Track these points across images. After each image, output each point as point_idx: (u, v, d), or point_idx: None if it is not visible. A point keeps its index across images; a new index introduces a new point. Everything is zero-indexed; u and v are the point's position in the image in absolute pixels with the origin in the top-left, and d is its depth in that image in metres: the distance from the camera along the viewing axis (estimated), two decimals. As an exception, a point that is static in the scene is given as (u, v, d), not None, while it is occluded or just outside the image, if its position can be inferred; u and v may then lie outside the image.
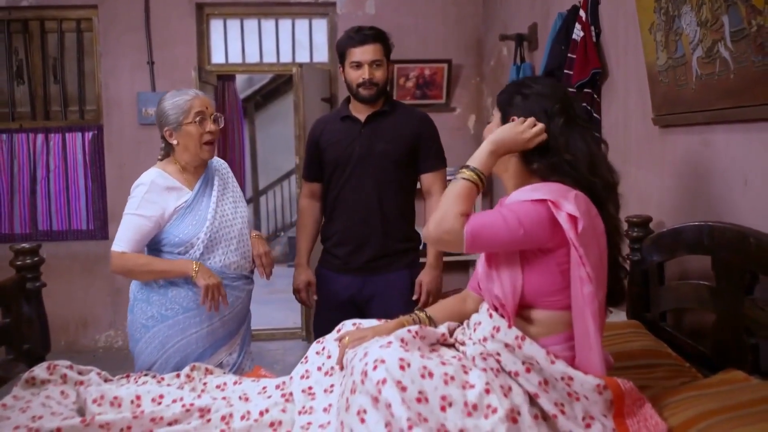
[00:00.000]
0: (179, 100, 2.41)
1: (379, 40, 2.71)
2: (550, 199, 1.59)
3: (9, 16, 5.06)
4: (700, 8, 2.06)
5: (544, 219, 1.59)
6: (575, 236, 1.56)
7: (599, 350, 1.60)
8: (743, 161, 2.00)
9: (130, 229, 2.37)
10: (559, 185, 1.65)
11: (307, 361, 1.98)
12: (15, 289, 2.48)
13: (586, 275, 1.57)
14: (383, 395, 1.47)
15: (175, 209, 2.40)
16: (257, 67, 5.70)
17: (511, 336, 1.63)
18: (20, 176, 5.08)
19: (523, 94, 1.77)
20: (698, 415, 1.56)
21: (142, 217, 2.36)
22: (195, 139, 2.41)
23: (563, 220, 1.57)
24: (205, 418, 1.87)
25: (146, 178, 2.42)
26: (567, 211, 1.57)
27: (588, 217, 1.59)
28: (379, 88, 2.71)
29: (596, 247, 1.62)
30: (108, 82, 5.08)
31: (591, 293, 1.57)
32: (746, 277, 1.83)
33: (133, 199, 2.40)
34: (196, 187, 2.46)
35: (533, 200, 1.61)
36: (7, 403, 1.99)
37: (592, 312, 1.58)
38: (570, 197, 1.59)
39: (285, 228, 9.89)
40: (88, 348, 5.15)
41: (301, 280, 2.91)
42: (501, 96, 1.83)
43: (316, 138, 2.89)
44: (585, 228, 1.56)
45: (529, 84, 1.80)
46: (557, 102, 1.73)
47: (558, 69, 3.20)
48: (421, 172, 2.81)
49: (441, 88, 5.21)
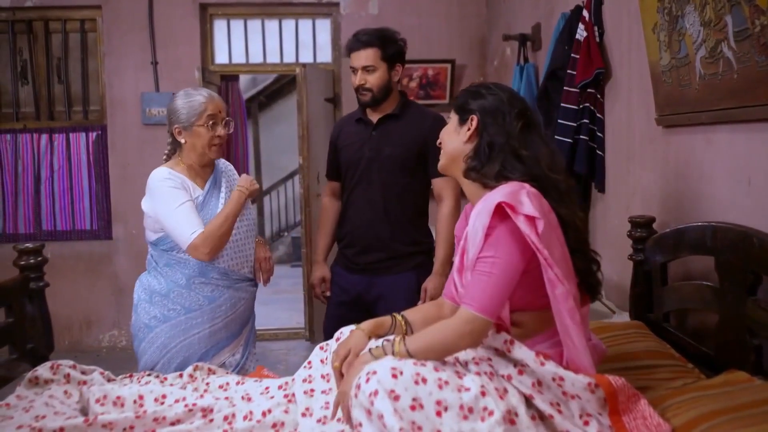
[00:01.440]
0: (193, 101, 2.40)
1: (373, 44, 2.67)
2: (504, 202, 1.57)
3: (13, 16, 5.08)
4: (703, 8, 2.05)
5: (510, 243, 1.59)
6: (537, 239, 1.55)
7: (583, 346, 1.60)
8: (747, 161, 1.99)
9: (189, 215, 2.33)
10: (510, 185, 1.64)
11: (311, 367, 1.98)
12: (19, 289, 2.48)
13: (555, 277, 1.57)
14: (375, 407, 1.47)
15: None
16: (261, 67, 5.72)
17: (499, 341, 1.64)
18: (24, 176, 5.10)
19: (482, 96, 1.79)
20: (701, 415, 1.55)
21: (186, 202, 2.34)
22: (204, 140, 2.41)
23: (523, 226, 1.56)
24: (208, 418, 1.87)
25: (160, 174, 2.39)
26: (524, 213, 1.56)
27: (543, 214, 1.58)
28: (373, 94, 2.69)
29: (557, 241, 1.62)
30: (112, 82, 5.10)
31: (564, 293, 1.58)
32: (749, 278, 1.83)
33: (164, 195, 2.34)
34: (207, 187, 2.46)
35: (490, 223, 1.59)
36: (10, 403, 2.00)
37: (569, 310, 1.58)
38: (523, 195, 1.59)
39: (289, 228, 9.91)
40: (91, 348, 5.16)
41: (316, 276, 2.96)
42: (458, 99, 1.85)
43: (334, 138, 2.93)
44: (544, 227, 1.56)
45: (489, 86, 1.82)
46: (515, 107, 1.75)
47: (561, 69, 3.19)
48: (431, 176, 2.77)
49: (444, 88, 5.21)
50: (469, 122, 1.77)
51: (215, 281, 2.42)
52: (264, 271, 2.61)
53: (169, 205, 2.34)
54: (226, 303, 2.45)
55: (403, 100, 2.79)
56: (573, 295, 1.61)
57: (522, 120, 1.74)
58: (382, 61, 2.68)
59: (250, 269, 2.55)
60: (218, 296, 2.43)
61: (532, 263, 1.60)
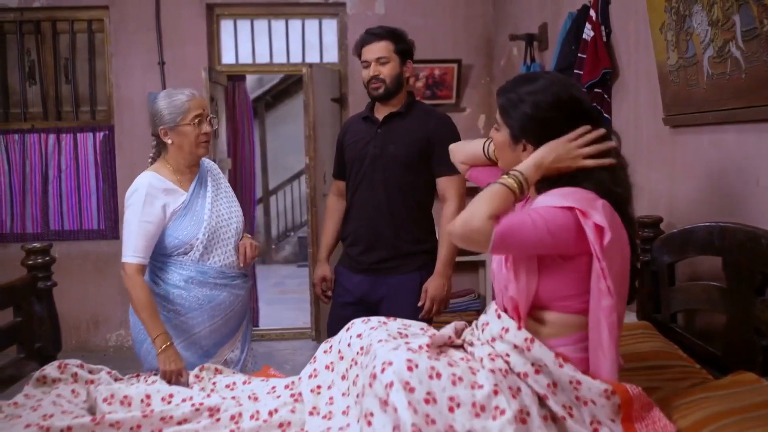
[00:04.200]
0: (176, 100, 2.40)
1: (386, 37, 2.71)
2: (578, 208, 1.55)
3: (21, 17, 5.09)
4: (711, 8, 2.04)
5: (571, 227, 1.55)
6: (600, 248, 1.53)
7: (613, 359, 1.58)
8: (755, 161, 1.99)
9: (139, 237, 2.32)
10: (586, 192, 1.61)
11: (316, 361, 1.99)
12: (26, 289, 2.50)
13: (606, 288, 1.54)
14: (391, 399, 1.47)
15: (174, 211, 2.39)
16: (267, 67, 5.72)
17: (520, 338, 1.62)
18: (32, 176, 5.12)
19: (528, 106, 1.67)
20: (709, 416, 1.55)
21: (147, 223, 2.33)
22: (191, 139, 2.41)
23: (590, 231, 1.53)
24: (215, 418, 1.87)
25: (141, 182, 2.38)
26: (595, 221, 1.53)
27: (613, 228, 1.55)
28: (386, 85, 2.70)
29: (619, 258, 1.60)
30: (119, 83, 5.11)
31: (610, 306, 1.55)
32: (757, 278, 1.82)
33: (133, 207, 2.35)
34: (191, 188, 2.45)
35: (561, 207, 1.57)
36: (18, 402, 2.01)
37: (609, 324, 1.56)
38: (597, 206, 1.56)
39: (295, 228, 9.92)
40: (98, 347, 5.18)
41: (317, 275, 2.99)
42: (501, 99, 1.74)
43: (341, 137, 2.95)
44: (611, 240, 1.53)
45: (537, 79, 1.70)
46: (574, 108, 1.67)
47: (568, 69, 3.19)
48: (435, 175, 2.77)
49: (451, 88, 5.21)
50: (522, 145, 1.70)
51: (213, 280, 2.43)
52: (248, 257, 2.53)
53: (132, 216, 2.34)
54: (225, 301, 2.45)
55: (409, 99, 2.79)
56: (618, 313, 1.59)
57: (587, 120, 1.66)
58: (394, 54, 2.71)
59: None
60: (217, 295, 2.44)
61: (580, 263, 1.58)
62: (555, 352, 1.59)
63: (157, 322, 2.29)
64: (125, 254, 2.33)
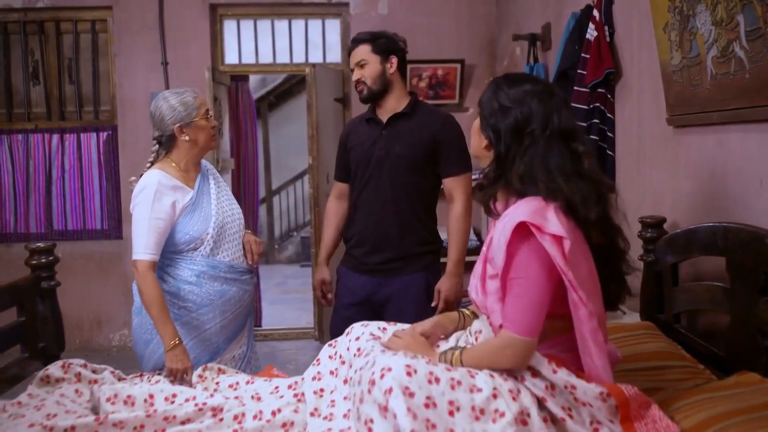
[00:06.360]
0: (186, 97, 2.44)
1: (364, 41, 2.73)
2: (530, 222, 1.54)
3: (25, 17, 5.11)
4: (714, 7, 2.04)
5: (539, 262, 1.55)
6: (563, 261, 1.52)
7: (604, 363, 1.60)
8: (758, 161, 1.98)
9: (150, 234, 2.32)
10: (536, 202, 1.59)
11: (320, 364, 1.99)
12: (30, 288, 2.50)
13: (578, 299, 1.55)
14: (390, 404, 1.47)
15: (183, 207, 2.40)
16: (270, 67, 5.73)
17: None
18: (36, 176, 5.14)
19: (502, 110, 1.73)
20: (712, 417, 1.55)
21: (158, 219, 2.33)
22: (207, 131, 2.46)
23: (548, 246, 1.52)
24: (218, 417, 1.87)
25: (150, 179, 2.38)
26: (550, 233, 1.53)
27: (569, 231, 1.55)
28: (368, 86, 2.72)
29: (584, 261, 1.61)
30: (122, 83, 5.12)
31: (586, 314, 1.56)
32: (761, 279, 1.82)
33: (142, 204, 2.35)
34: (197, 185, 2.47)
35: (511, 243, 1.56)
36: (22, 401, 2.02)
37: (590, 331, 1.58)
38: (549, 211, 1.56)
39: (298, 228, 9.93)
40: (102, 347, 5.19)
41: (316, 279, 2.99)
42: (482, 101, 1.84)
43: (344, 139, 2.94)
44: (571, 247, 1.54)
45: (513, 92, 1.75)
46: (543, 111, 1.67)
47: (571, 69, 3.19)
48: (442, 176, 2.77)
49: (454, 88, 5.21)
50: (486, 137, 1.75)
51: (224, 275, 2.43)
52: (255, 253, 2.57)
53: (141, 213, 2.34)
54: (235, 296, 2.46)
55: (413, 100, 2.79)
56: (597, 315, 1.59)
57: (546, 129, 1.65)
58: (373, 54, 2.71)
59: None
60: (228, 290, 2.44)
61: (559, 278, 1.57)
62: (548, 357, 1.60)
63: (168, 319, 2.29)
64: (136, 251, 2.33)
